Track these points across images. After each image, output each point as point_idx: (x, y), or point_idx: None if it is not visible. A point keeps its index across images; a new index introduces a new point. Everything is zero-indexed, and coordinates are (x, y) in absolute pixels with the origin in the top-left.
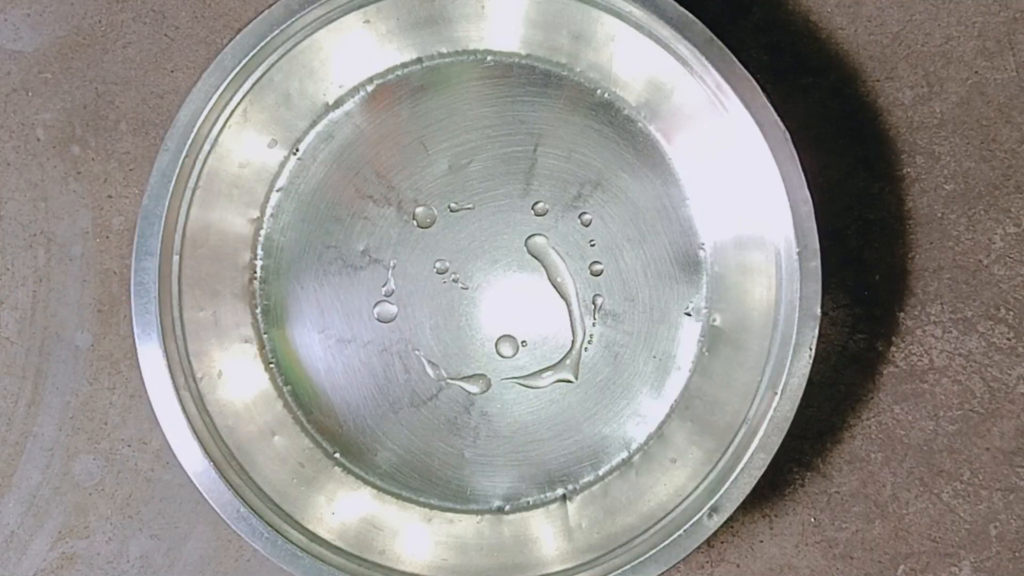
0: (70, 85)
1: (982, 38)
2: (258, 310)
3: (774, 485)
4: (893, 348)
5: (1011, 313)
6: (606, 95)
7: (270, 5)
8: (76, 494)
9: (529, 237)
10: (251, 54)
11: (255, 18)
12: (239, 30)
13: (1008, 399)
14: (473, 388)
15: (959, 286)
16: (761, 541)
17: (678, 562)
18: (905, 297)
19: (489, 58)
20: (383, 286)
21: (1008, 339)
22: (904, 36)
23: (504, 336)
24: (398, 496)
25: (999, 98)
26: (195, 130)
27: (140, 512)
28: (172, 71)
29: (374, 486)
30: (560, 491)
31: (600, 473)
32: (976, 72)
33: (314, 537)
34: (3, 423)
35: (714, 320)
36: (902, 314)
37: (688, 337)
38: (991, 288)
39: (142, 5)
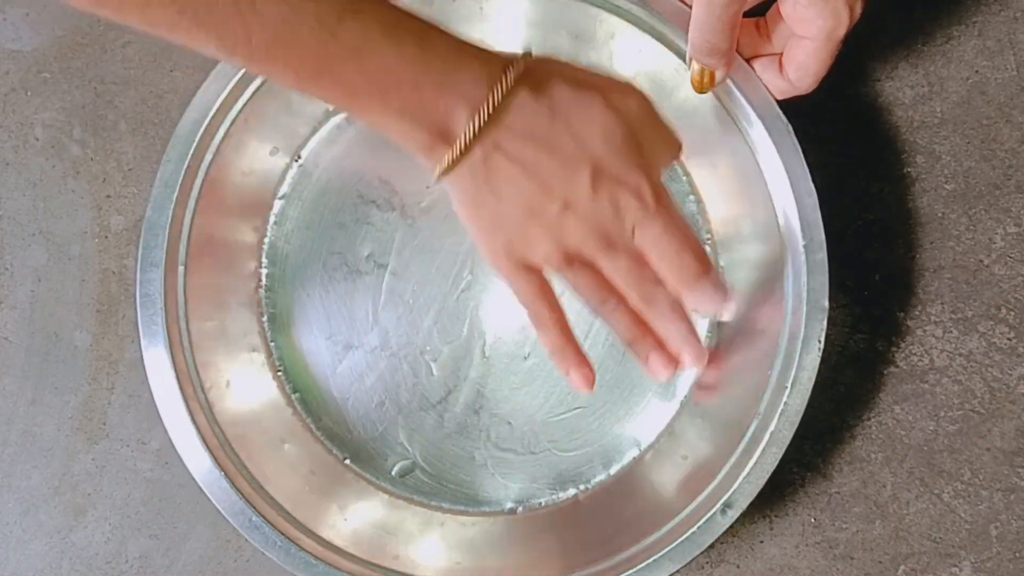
0: (69, 85)
1: (982, 37)
2: (264, 318)
3: (774, 485)
4: (893, 348)
5: (1011, 313)
6: None
7: None
8: (76, 494)
9: None
10: None
11: None
12: None
13: (1008, 399)
14: (482, 389)
15: (959, 286)
16: (761, 541)
17: (693, 558)
18: (905, 297)
19: None
20: (388, 290)
21: (1008, 339)
22: (904, 36)
23: (512, 337)
24: (410, 501)
25: (999, 97)
26: (196, 140)
27: (139, 512)
28: (171, 71)
29: (386, 491)
30: (572, 491)
31: (612, 472)
32: (976, 71)
33: (328, 544)
34: (3, 423)
35: (721, 316)
36: (902, 314)
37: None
38: (991, 288)
39: None
